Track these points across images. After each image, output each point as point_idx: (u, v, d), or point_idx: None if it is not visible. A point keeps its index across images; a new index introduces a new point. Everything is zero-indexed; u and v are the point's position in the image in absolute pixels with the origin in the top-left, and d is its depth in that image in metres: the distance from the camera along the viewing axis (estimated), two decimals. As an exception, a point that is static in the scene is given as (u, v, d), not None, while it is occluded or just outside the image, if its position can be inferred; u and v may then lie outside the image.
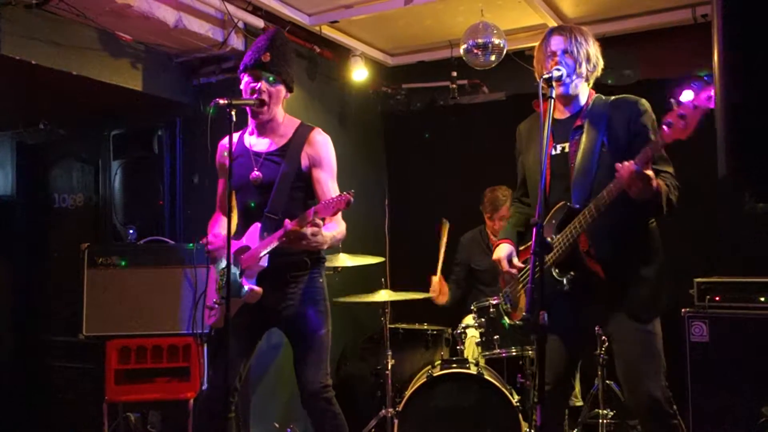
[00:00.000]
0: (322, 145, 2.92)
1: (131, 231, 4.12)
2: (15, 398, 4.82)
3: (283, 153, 2.89)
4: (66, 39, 3.61)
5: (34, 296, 4.97)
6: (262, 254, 2.74)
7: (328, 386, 2.88)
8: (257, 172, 2.88)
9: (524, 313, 2.71)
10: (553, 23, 4.22)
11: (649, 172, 2.27)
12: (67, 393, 4.61)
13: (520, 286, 2.76)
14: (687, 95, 2.11)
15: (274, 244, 2.70)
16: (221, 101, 2.67)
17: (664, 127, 2.17)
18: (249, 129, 3.01)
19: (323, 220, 2.60)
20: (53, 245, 4.93)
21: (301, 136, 2.90)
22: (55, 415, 4.68)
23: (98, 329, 3.75)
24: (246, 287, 2.77)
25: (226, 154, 2.98)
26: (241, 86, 2.94)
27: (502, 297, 2.92)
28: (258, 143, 2.96)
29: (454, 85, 4.91)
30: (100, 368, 3.87)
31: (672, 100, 2.14)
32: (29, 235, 5.07)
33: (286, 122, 2.98)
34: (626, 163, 2.28)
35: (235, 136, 3.00)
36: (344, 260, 4.10)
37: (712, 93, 2.04)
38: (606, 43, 4.22)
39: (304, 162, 2.88)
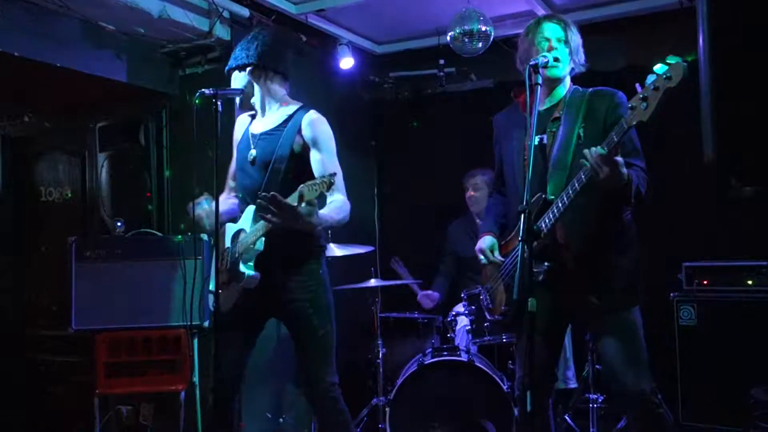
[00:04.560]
0: (318, 125, 2.85)
1: (119, 223, 4.09)
2: (4, 393, 4.79)
3: (277, 133, 2.87)
4: (49, 30, 3.57)
5: (22, 290, 4.94)
6: (259, 235, 2.72)
7: (336, 384, 2.86)
8: (253, 150, 2.89)
9: (503, 307, 2.71)
10: (540, 10, 4.22)
11: (618, 159, 2.27)
12: (57, 387, 4.59)
13: (500, 280, 2.76)
14: (650, 78, 2.13)
15: (267, 225, 2.65)
16: (207, 91, 2.66)
17: (628, 110, 2.18)
18: (258, 114, 3.03)
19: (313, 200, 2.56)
20: (40, 239, 4.89)
21: (296, 118, 2.88)
22: (45, 409, 4.66)
23: (87, 323, 3.73)
24: (245, 273, 2.75)
25: (238, 131, 3.07)
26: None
27: (483, 293, 2.91)
28: (256, 125, 2.98)
29: (442, 73, 4.89)
30: (90, 362, 3.86)
31: (637, 85, 2.16)
32: (16, 228, 5.03)
33: (286, 105, 2.96)
34: (593, 148, 2.29)
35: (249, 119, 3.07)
36: (333, 250, 4.10)
37: (672, 73, 2.07)
38: (592, 29, 4.24)
39: (298, 142, 2.83)
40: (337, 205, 2.77)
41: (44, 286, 4.74)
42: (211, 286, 2.92)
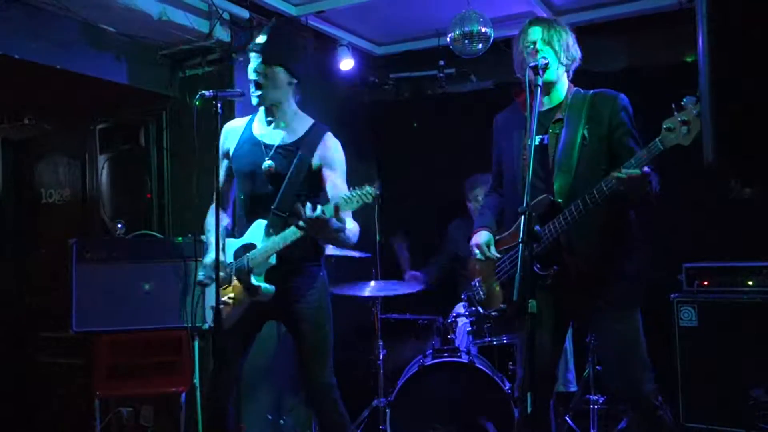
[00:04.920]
0: (336, 148, 2.90)
1: (120, 225, 4.09)
2: (5, 395, 4.79)
3: (296, 148, 2.84)
4: (49, 32, 3.58)
5: (23, 292, 4.94)
6: (276, 251, 2.71)
7: (334, 385, 2.88)
8: (270, 161, 2.83)
9: (501, 305, 2.71)
10: (540, 11, 4.22)
11: (646, 170, 2.28)
12: (57, 389, 4.59)
13: (495, 276, 2.75)
14: (690, 100, 2.09)
15: (291, 238, 2.65)
16: (207, 93, 2.65)
17: (665, 130, 2.16)
18: (257, 116, 2.97)
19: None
20: (41, 240, 4.90)
21: (315, 136, 2.87)
22: (46, 411, 4.66)
23: (88, 324, 3.71)
24: (262, 286, 2.74)
25: (230, 139, 2.97)
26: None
27: (475, 285, 2.91)
28: (268, 133, 2.91)
29: (442, 74, 4.89)
30: (90, 363, 3.86)
31: (673, 105, 2.13)
32: (16, 230, 5.03)
33: (299, 118, 2.94)
34: (628, 170, 2.26)
35: (244, 121, 2.99)
36: (333, 250, 4.09)
37: None
38: (592, 30, 4.24)
39: (315, 161, 2.84)
40: (353, 229, 2.75)
41: (45, 287, 4.74)
42: (210, 301, 2.90)
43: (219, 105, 2.67)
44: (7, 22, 3.37)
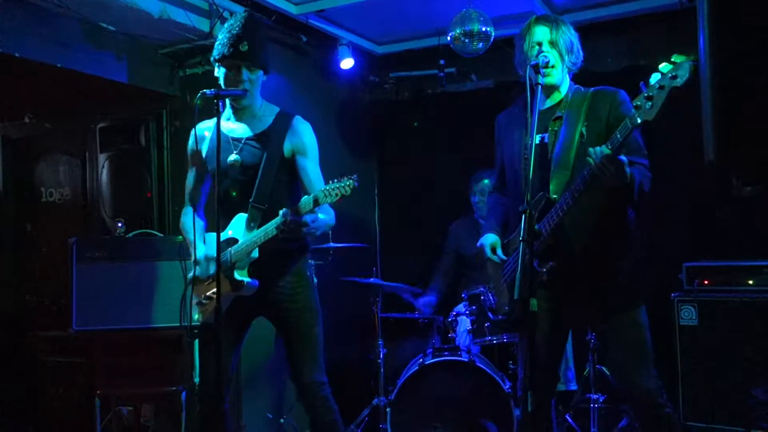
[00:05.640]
0: (306, 133, 2.89)
1: (120, 224, 4.09)
2: (5, 394, 4.79)
3: (265, 138, 2.84)
4: (50, 31, 3.58)
5: (23, 291, 4.94)
6: (258, 245, 2.72)
7: (325, 383, 2.88)
8: (236, 155, 2.82)
9: (506, 307, 2.71)
10: (540, 10, 4.21)
11: (622, 158, 2.28)
12: (58, 388, 4.59)
13: (503, 280, 2.76)
14: (654, 77, 2.13)
15: (272, 233, 2.67)
16: (208, 92, 2.64)
17: (632, 110, 2.19)
18: (225, 114, 2.93)
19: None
20: (41, 240, 4.89)
21: (283, 123, 2.87)
22: (46, 410, 4.66)
23: (88, 323, 3.72)
24: (245, 281, 2.75)
25: (200, 141, 2.94)
26: (217, 74, 2.86)
27: (486, 293, 2.91)
28: (236, 128, 2.90)
29: (443, 73, 4.89)
30: (90, 362, 3.86)
31: (642, 83, 2.16)
32: (16, 229, 5.03)
33: (265, 107, 2.93)
34: (598, 147, 2.29)
35: (211, 122, 2.93)
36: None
37: (677, 72, 2.07)
38: (593, 29, 4.24)
39: (287, 148, 2.85)
40: (326, 218, 2.79)
41: (45, 286, 4.74)
42: (195, 298, 2.90)
43: (220, 104, 2.66)
44: (8, 21, 3.37)
